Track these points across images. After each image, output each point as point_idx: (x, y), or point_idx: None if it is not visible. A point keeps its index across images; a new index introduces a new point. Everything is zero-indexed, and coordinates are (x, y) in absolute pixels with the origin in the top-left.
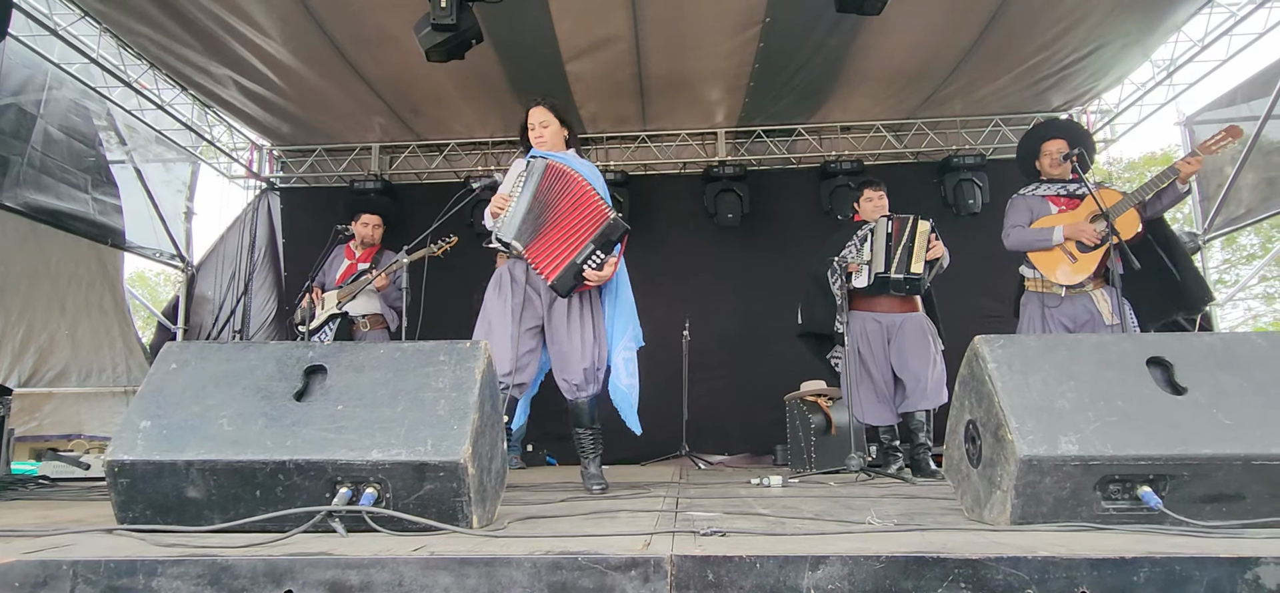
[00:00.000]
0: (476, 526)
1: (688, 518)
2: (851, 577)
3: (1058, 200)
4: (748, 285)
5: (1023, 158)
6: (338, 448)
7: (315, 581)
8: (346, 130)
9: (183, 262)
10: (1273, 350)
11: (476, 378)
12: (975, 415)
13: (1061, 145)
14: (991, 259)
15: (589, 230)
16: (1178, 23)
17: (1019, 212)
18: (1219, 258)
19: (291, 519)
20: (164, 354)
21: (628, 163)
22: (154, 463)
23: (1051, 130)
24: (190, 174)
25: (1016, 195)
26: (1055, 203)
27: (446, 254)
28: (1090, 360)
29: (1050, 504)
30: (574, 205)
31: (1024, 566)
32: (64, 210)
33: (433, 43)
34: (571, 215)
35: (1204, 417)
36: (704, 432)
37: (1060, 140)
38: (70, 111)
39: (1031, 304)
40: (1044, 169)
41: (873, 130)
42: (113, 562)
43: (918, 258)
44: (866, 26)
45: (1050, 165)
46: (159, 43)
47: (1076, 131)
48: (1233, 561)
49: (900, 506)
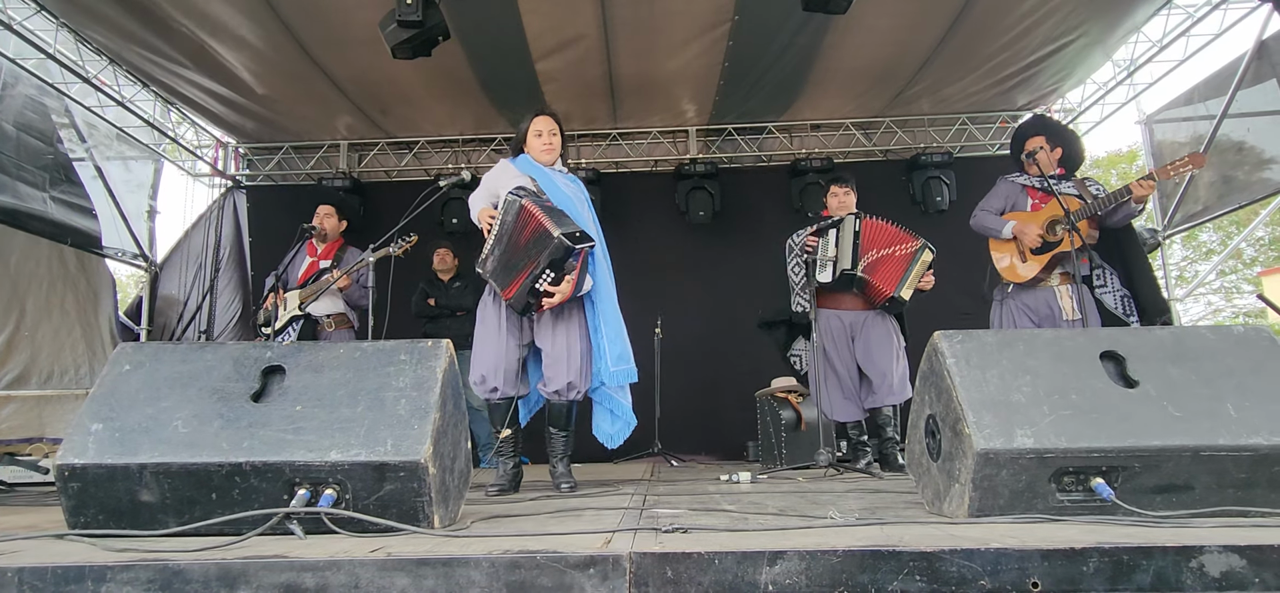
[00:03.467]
0: (438, 526)
1: (653, 516)
2: (809, 572)
3: (1033, 194)
4: (720, 283)
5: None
6: (296, 449)
7: (270, 584)
8: (314, 128)
9: (146, 261)
10: (1221, 344)
11: (438, 377)
12: (935, 410)
13: (1038, 142)
14: (959, 255)
15: (538, 254)
16: (1137, 23)
17: (997, 194)
18: (1179, 255)
19: (248, 522)
20: (117, 356)
21: (599, 161)
22: (106, 467)
23: (1032, 128)
24: (153, 172)
25: (1003, 178)
26: (1031, 194)
27: (407, 253)
28: (1046, 355)
29: (1007, 497)
30: (527, 235)
31: (977, 558)
32: (21, 209)
33: (398, 39)
34: (525, 244)
35: (1155, 409)
36: (676, 429)
37: (1038, 136)
38: (26, 108)
39: (998, 290)
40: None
41: (842, 128)
42: (60, 568)
43: (910, 284)
44: (834, 25)
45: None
46: (118, 36)
47: (1057, 130)
48: (1178, 550)
49: (864, 500)
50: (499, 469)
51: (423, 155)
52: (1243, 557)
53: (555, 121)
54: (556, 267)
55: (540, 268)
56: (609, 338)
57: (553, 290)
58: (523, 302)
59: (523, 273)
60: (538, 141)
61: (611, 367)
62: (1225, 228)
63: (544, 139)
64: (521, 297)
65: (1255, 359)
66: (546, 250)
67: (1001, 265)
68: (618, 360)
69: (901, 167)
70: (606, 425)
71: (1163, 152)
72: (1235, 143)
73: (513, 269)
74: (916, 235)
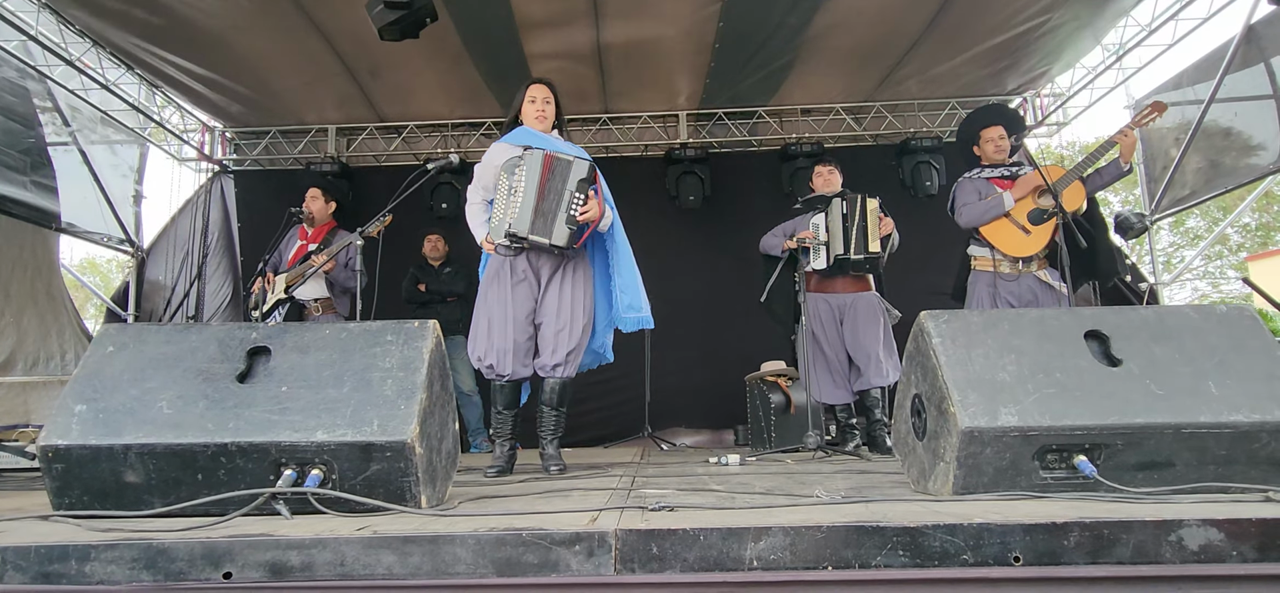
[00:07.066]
0: (426, 506)
1: (640, 496)
2: (793, 547)
3: (1002, 183)
4: (709, 268)
5: (962, 143)
6: (282, 429)
7: (255, 562)
8: (300, 107)
9: (132, 246)
10: (1204, 323)
11: (424, 358)
12: (920, 389)
13: (1000, 131)
14: (948, 240)
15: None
16: (1126, 7)
17: (967, 192)
18: (1167, 240)
19: (233, 502)
20: (100, 337)
21: (589, 145)
22: (90, 448)
23: (988, 117)
24: (138, 157)
25: (964, 178)
26: (1000, 185)
27: (381, 234)
28: (1031, 334)
29: (991, 474)
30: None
31: (959, 533)
32: (2, 194)
33: (386, 21)
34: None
35: (1137, 387)
36: (666, 413)
37: (999, 126)
38: (6, 91)
39: (980, 284)
40: (986, 155)
41: (832, 113)
42: (44, 547)
43: (872, 237)
44: (825, 5)
45: (993, 151)
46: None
47: (1009, 115)
48: (1157, 524)
49: (851, 480)
50: (496, 450)
51: (411, 139)
52: (1220, 530)
53: (549, 89)
54: (582, 188)
55: (570, 192)
56: (621, 288)
57: (588, 211)
58: (566, 234)
59: (558, 209)
60: (531, 108)
61: (626, 314)
62: (1212, 214)
63: (537, 106)
64: (564, 229)
65: (1237, 338)
66: (571, 173)
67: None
68: (628, 308)
69: (891, 151)
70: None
71: (1151, 136)
72: (1223, 128)
73: (547, 213)
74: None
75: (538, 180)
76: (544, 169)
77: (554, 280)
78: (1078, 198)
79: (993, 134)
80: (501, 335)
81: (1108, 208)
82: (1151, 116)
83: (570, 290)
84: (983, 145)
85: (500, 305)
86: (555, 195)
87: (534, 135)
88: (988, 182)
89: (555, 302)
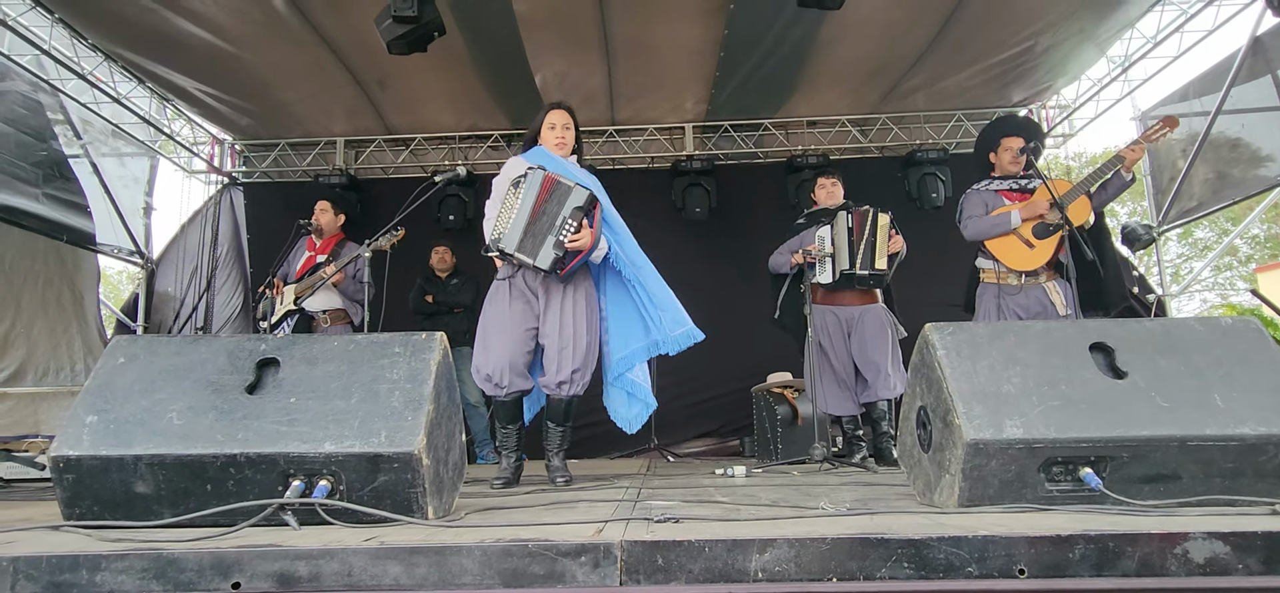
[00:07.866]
0: (432, 517)
1: (646, 508)
2: (798, 559)
3: (1010, 195)
4: (715, 280)
5: (980, 149)
6: (290, 440)
7: (264, 572)
8: (309, 121)
9: (142, 258)
10: (1209, 335)
11: (432, 370)
12: (926, 402)
13: (1020, 142)
14: (954, 252)
15: (560, 207)
16: (1131, 18)
17: (974, 204)
18: (1175, 251)
19: (242, 513)
20: (111, 348)
21: (595, 158)
22: (100, 458)
23: (1010, 127)
24: (149, 169)
25: (971, 190)
26: (1008, 197)
27: (395, 247)
28: (1036, 347)
29: (996, 487)
30: (546, 193)
31: (964, 545)
32: (14, 206)
33: (394, 35)
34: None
35: (1143, 400)
36: (673, 425)
37: (1019, 137)
38: (19, 104)
39: (987, 296)
40: (1002, 164)
41: (838, 125)
42: (55, 558)
43: (880, 253)
44: (830, 18)
45: (1009, 161)
46: (112, 26)
47: (1032, 128)
48: (1163, 536)
49: (857, 492)
50: (502, 462)
51: (419, 152)
52: (1227, 543)
53: (569, 115)
54: (576, 216)
55: (563, 218)
56: (660, 306)
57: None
58: (551, 258)
59: (549, 232)
60: (551, 135)
61: (673, 332)
62: (1221, 225)
63: (557, 132)
64: (550, 253)
65: (1242, 350)
66: (568, 199)
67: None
68: (674, 324)
69: (897, 163)
70: (623, 409)
71: (1157, 148)
72: (1230, 139)
73: (538, 234)
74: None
75: (534, 200)
76: (542, 190)
77: (555, 300)
78: (1084, 212)
79: (1013, 144)
80: (500, 350)
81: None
82: (1162, 132)
83: (572, 310)
84: (1001, 153)
85: (498, 320)
86: (548, 218)
87: (550, 158)
88: (996, 194)
89: (557, 321)
